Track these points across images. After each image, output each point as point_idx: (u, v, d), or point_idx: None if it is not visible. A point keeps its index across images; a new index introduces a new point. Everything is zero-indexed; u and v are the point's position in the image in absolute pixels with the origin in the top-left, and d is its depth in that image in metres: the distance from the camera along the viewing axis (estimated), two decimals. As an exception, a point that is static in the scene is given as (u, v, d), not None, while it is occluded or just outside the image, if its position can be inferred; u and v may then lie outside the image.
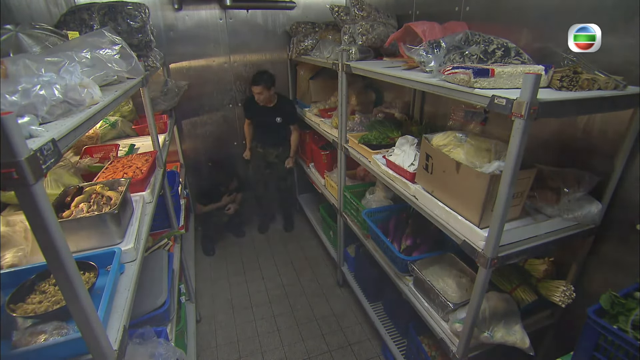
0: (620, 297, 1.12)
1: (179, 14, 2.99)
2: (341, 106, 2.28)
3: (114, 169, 1.78)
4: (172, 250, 2.09)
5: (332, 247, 3.14)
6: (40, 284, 1.08)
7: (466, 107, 1.89)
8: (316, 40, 2.82)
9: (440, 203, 1.49)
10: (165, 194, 2.09)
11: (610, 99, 1.14)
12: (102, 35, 1.38)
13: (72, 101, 0.95)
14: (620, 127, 1.31)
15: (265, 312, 2.72)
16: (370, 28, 2.26)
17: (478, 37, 1.42)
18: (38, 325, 0.95)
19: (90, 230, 1.24)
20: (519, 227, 1.34)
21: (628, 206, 1.37)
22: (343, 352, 2.38)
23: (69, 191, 1.42)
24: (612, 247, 1.45)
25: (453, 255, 1.85)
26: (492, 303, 1.49)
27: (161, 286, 1.65)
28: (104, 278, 1.09)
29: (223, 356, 2.36)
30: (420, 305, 1.74)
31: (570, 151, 1.54)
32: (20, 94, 0.83)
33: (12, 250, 1.21)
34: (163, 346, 1.33)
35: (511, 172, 1.06)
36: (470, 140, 1.43)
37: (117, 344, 0.92)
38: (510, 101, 1.01)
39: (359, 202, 2.40)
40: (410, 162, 1.74)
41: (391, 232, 2.12)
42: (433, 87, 1.35)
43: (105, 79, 1.31)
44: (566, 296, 1.47)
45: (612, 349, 1.05)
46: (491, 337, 1.44)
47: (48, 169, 0.67)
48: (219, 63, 3.26)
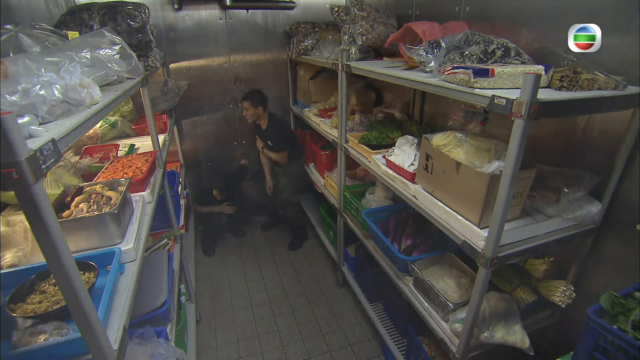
0: (620, 297, 1.11)
1: (179, 14, 2.99)
2: (341, 106, 2.28)
3: (114, 169, 1.78)
4: (172, 250, 2.09)
5: (332, 247, 3.13)
6: (40, 284, 1.08)
7: (466, 107, 1.89)
8: (316, 40, 2.82)
9: (440, 203, 1.49)
10: (165, 194, 2.09)
11: (610, 99, 1.14)
12: (102, 35, 1.37)
13: (72, 101, 0.95)
14: (620, 127, 1.31)
15: (265, 312, 2.71)
16: (370, 28, 2.26)
17: (478, 37, 1.42)
18: (38, 325, 0.95)
19: (90, 230, 1.24)
20: (518, 227, 1.34)
21: (628, 206, 1.37)
22: (343, 352, 2.38)
23: (69, 191, 1.42)
24: (612, 247, 1.45)
25: (453, 255, 1.85)
26: (492, 303, 1.49)
27: (161, 286, 1.65)
28: (104, 278, 1.09)
29: (223, 356, 2.36)
30: (420, 305, 1.74)
31: (570, 151, 1.54)
32: (20, 94, 0.83)
33: (12, 250, 1.21)
34: (163, 346, 1.33)
35: (511, 172, 1.06)
36: (470, 140, 1.43)
37: (117, 344, 0.92)
38: (510, 101, 1.01)
39: (359, 202, 2.40)
40: (410, 162, 1.74)
41: (391, 232, 2.12)
42: (433, 87, 1.35)
43: (105, 79, 1.31)
44: (566, 296, 1.47)
45: (612, 349, 1.05)
46: (491, 337, 1.44)
47: (48, 169, 0.66)
48: (219, 63, 3.26)
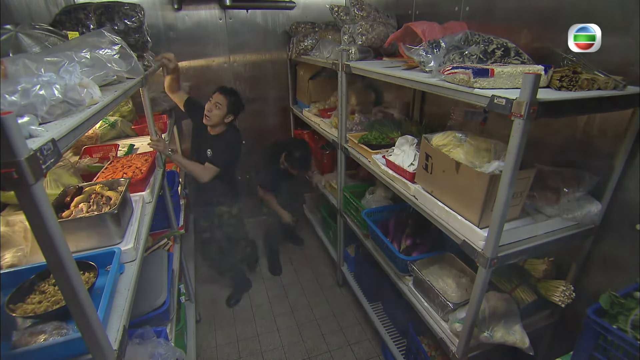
0: (619, 297, 1.12)
1: (178, 14, 2.99)
2: (341, 106, 2.28)
3: (114, 169, 1.78)
4: (172, 250, 2.09)
5: (332, 247, 3.13)
6: (40, 284, 1.08)
7: (466, 107, 1.89)
8: (316, 40, 2.82)
9: (440, 203, 1.49)
10: (165, 194, 2.09)
11: (609, 99, 1.14)
12: (102, 35, 1.37)
13: (72, 101, 0.95)
14: (620, 127, 1.31)
15: (265, 312, 2.71)
16: (370, 28, 2.26)
17: (478, 37, 1.42)
18: (38, 325, 0.95)
19: (90, 230, 1.24)
20: (518, 227, 1.34)
21: (628, 206, 1.37)
22: (343, 352, 2.38)
23: (69, 191, 1.42)
24: (612, 247, 1.45)
25: (453, 255, 1.85)
26: (491, 303, 1.49)
27: (161, 286, 1.65)
28: (104, 278, 1.09)
29: (223, 356, 2.36)
30: (420, 305, 1.74)
31: (570, 151, 1.54)
32: (20, 93, 0.83)
33: (11, 250, 1.21)
34: (163, 346, 1.33)
35: (511, 172, 1.06)
36: (470, 140, 1.43)
37: (117, 344, 0.92)
38: (510, 101, 1.01)
39: (359, 202, 2.40)
40: (410, 162, 1.74)
41: (391, 232, 2.12)
42: (433, 87, 1.35)
43: (105, 79, 1.31)
44: (566, 296, 1.47)
45: (611, 348, 1.05)
46: (491, 337, 1.44)
47: (48, 169, 0.66)
48: (219, 63, 3.26)
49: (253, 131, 3.34)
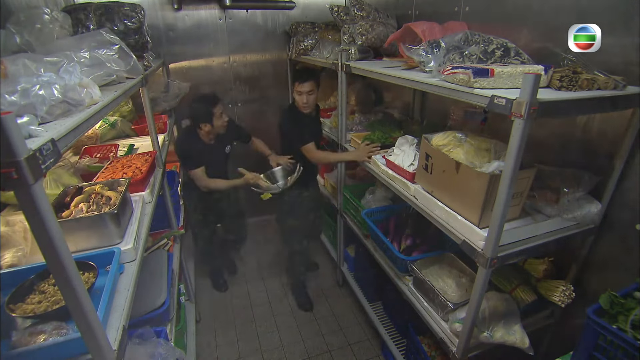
0: (619, 297, 1.12)
1: (178, 14, 2.98)
2: (341, 106, 2.28)
3: (114, 169, 1.78)
4: (172, 250, 2.09)
5: (332, 247, 3.13)
6: (40, 284, 1.08)
7: (466, 107, 1.89)
8: (316, 40, 2.82)
9: (440, 203, 1.49)
10: (165, 194, 2.09)
11: (609, 99, 1.14)
12: (101, 35, 1.38)
13: (72, 101, 0.95)
14: (620, 127, 1.31)
15: (265, 312, 2.71)
16: (370, 28, 2.26)
17: (478, 37, 1.42)
18: (37, 325, 0.95)
19: (89, 230, 1.24)
20: (518, 227, 1.34)
21: (628, 206, 1.37)
22: (343, 352, 2.38)
23: (69, 191, 1.42)
24: (611, 247, 1.45)
25: (453, 255, 1.85)
26: (491, 303, 1.49)
27: (161, 286, 1.65)
28: (104, 278, 1.09)
29: (223, 356, 2.36)
30: (419, 305, 1.74)
31: (570, 151, 1.54)
32: (20, 93, 0.83)
33: (11, 250, 1.21)
34: (163, 346, 1.32)
35: (511, 172, 1.06)
36: (470, 140, 1.43)
37: (117, 344, 0.92)
38: (510, 101, 1.00)
39: (359, 202, 2.40)
40: (410, 162, 1.74)
41: (391, 232, 2.12)
42: (433, 87, 1.35)
43: (105, 79, 1.31)
44: (566, 296, 1.47)
45: (611, 348, 1.05)
46: (491, 337, 1.44)
47: (47, 169, 0.66)
48: (219, 63, 3.26)
49: (253, 131, 3.33)
